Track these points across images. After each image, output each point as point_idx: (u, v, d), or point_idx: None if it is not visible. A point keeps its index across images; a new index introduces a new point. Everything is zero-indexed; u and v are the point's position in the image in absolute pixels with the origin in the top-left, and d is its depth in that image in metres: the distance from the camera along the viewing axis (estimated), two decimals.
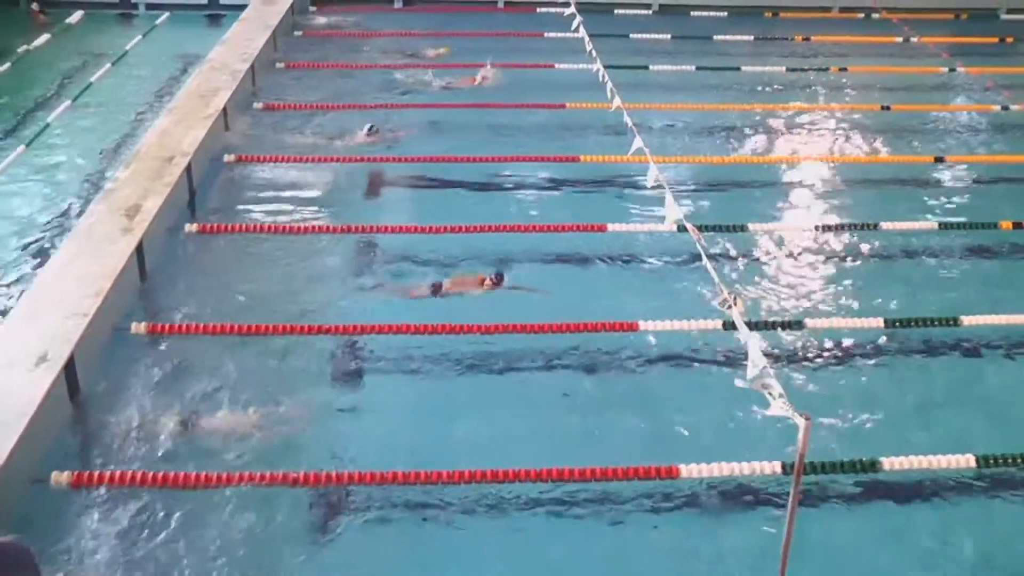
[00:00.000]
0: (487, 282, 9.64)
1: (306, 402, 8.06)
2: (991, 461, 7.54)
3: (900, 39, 18.60)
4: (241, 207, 11.29)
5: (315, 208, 11.36)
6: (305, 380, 8.40)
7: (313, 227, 10.75)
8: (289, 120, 13.64)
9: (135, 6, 18.74)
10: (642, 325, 8.99)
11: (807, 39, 18.71)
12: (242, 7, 17.45)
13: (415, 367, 8.67)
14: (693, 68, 16.52)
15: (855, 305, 9.85)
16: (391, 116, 13.53)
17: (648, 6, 20.27)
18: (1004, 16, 21.55)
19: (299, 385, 8.28)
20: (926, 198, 12.47)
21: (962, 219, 11.72)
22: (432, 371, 8.63)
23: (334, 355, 8.77)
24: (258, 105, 13.92)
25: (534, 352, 8.84)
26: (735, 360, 8.48)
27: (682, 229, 9.21)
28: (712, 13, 19.92)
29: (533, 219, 11.21)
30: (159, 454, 7.40)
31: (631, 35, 17.95)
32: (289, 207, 11.34)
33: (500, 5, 20.02)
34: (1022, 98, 15.63)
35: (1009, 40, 19.60)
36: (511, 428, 7.97)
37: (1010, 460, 7.60)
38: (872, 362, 9.06)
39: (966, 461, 7.50)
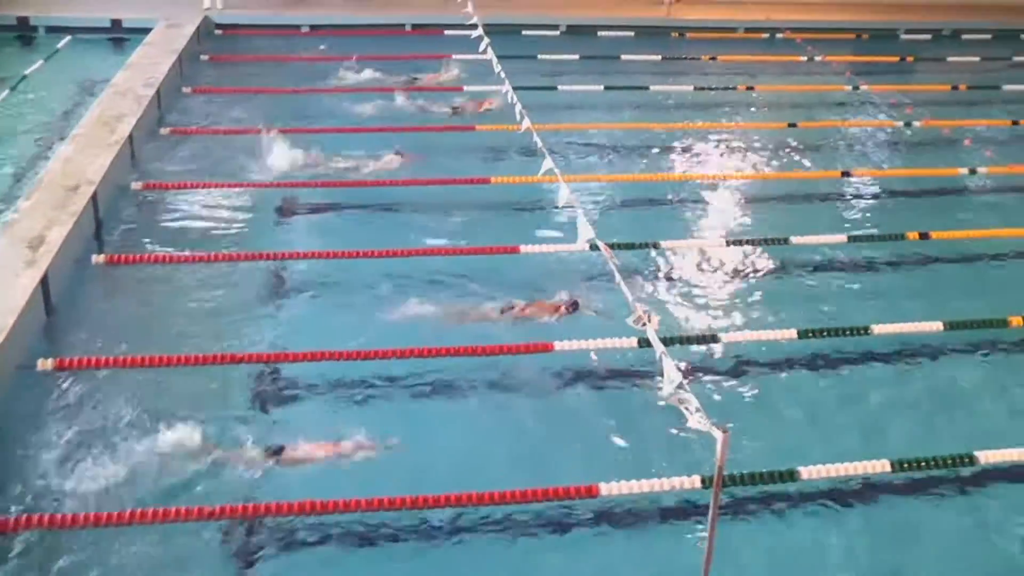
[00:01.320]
0: (562, 309, 9.75)
1: (223, 431, 7.92)
2: (906, 465, 7.75)
3: (804, 58, 19.14)
4: (150, 236, 11.08)
5: (226, 235, 11.22)
6: (223, 409, 8.26)
7: (225, 255, 10.60)
8: (197, 146, 13.46)
9: (35, 28, 18.32)
10: (557, 346, 9.03)
11: (714, 59, 19.16)
12: (147, 31, 17.22)
13: (335, 394, 8.60)
14: (601, 88, 16.76)
15: (769, 318, 10.06)
16: (300, 140, 13.44)
17: (556, 27, 20.51)
18: (903, 36, 22.39)
19: (216, 414, 8.13)
20: (835, 212, 12.84)
21: (870, 231, 12.06)
22: (354, 396, 8.57)
23: (251, 383, 8.65)
24: (165, 131, 13.71)
25: (449, 376, 8.83)
26: (652, 376, 8.57)
27: (594, 248, 9.30)
28: (619, 33, 20.26)
29: (444, 242, 11.22)
30: (70, 494, 7.19)
31: (539, 56, 18.15)
32: (199, 234, 11.18)
33: (408, 28, 20.07)
34: (924, 114, 16.22)
35: (909, 59, 20.35)
36: (427, 453, 7.94)
37: (924, 464, 7.81)
38: (787, 373, 9.27)
39: (882, 466, 7.69)
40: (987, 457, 7.87)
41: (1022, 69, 20.34)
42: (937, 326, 9.69)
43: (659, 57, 18.91)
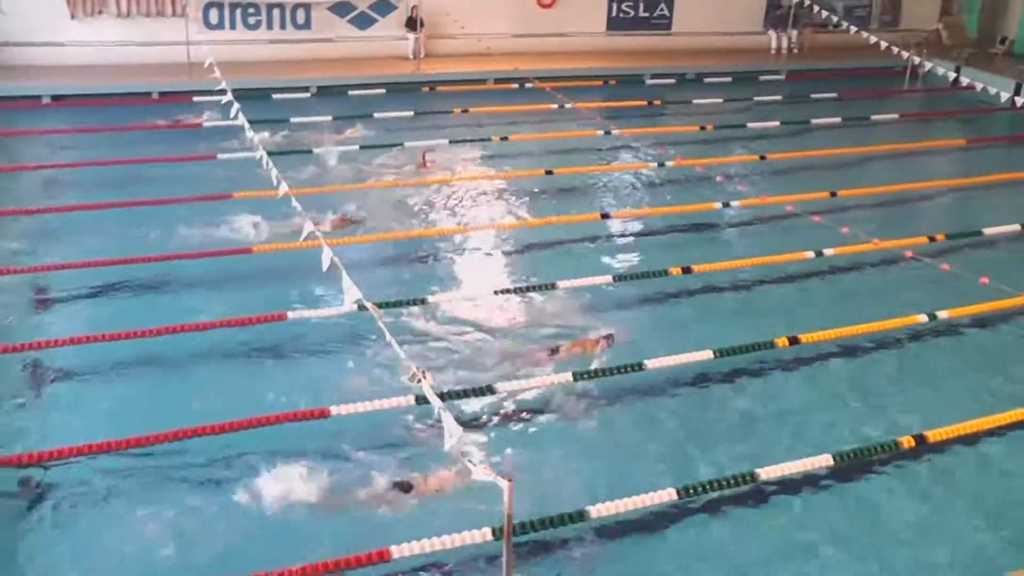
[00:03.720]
0: (602, 343, 10.47)
1: None
2: (691, 491, 8.13)
3: (555, 106, 19.91)
4: None
5: None
6: None
7: None
8: None
9: None
10: (333, 411, 8.92)
11: (466, 111, 19.64)
12: None
13: (98, 487, 8.17)
14: (357, 147, 16.86)
15: (544, 363, 10.27)
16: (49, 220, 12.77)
17: (307, 88, 20.54)
18: (649, 81, 23.72)
19: None
20: (598, 253, 13.33)
21: (634, 270, 12.56)
22: (96, 488, 8.17)
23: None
24: None
25: (222, 453, 8.55)
26: (432, 432, 8.59)
27: (363, 308, 9.29)
28: (370, 91, 20.49)
29: (211, 314, 10.92)
30: None
31: (292, 119, 18.09)
32: None
33: (154, 96, 19.59)
34: (676, 154, 17.14)
35: (657, 102, 21.57)
36: (195, 535, 7.65)
37: (705, 487, 8.21)
38: (562, 416, 9.47)
39: (668, 495, 8.00)
40: (767, 473, 8.33)
41: (763, 108, 21.96)
42: (707, 355, 10.22)
43: (411, 112, 19.22)
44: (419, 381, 7.96)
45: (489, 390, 9.52)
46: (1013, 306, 11.89)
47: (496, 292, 11.73)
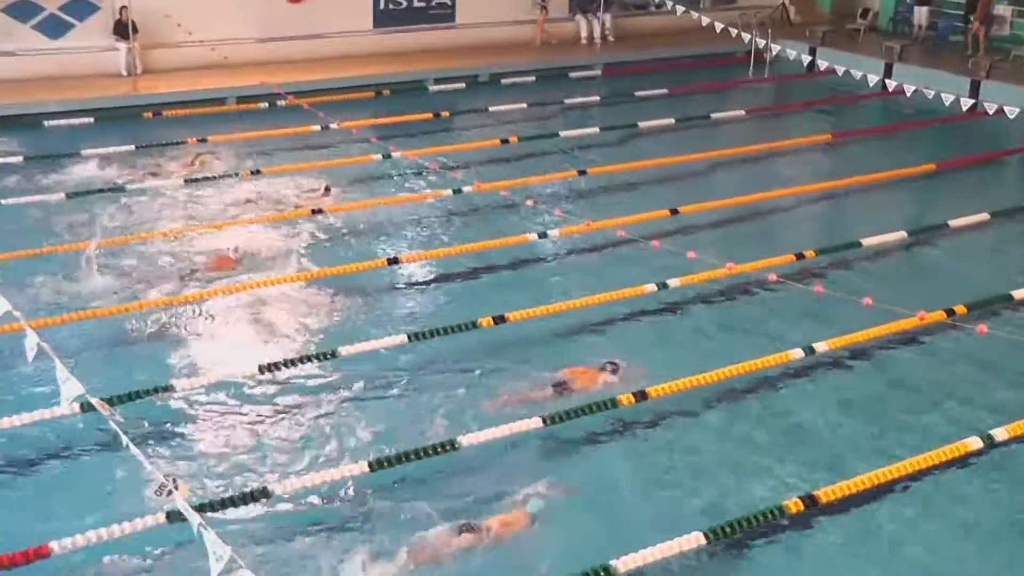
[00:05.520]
0: (607, 372, 11.64)
1: None
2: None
3: (318, 127, 19.99)
4: None
5: None
6: None
7: None
8: None
9: None
10: (56, 546, 8.64)
11: (203, 140, 19.48)
12: None
13: None
14: (63, 195, 16.50)
15: (330, 452, 10.30)
16: None
17: None
18: (433, 87, 24.08)
19: None
20: (387, 307, 13.47)
21: (433, 325, 12.63)
22: None
23: None
24: None
25: None
26: (192, 554, 8.43)
27: (88, 408, 9.10)
28: (75, 120, 20.20)
29: None
30: None
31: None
32: None
33: None
34: (474, 177, 17.43)
35: (445, 114, 21.94)
36: None
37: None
38: (354, 509, 9.54)
39: None
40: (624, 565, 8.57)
41: (578, 112, 22.62)
42: (536, 423, 10.50)
43: (131, 147, 19.01)
44: (170, 493, 7.87)
45: (263, 494, 9.45)
46: (906, 329, 12.55)
47: (262, 368, 11.65)
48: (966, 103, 22.18)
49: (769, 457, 10.54)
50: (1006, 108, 21.31)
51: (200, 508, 8.21)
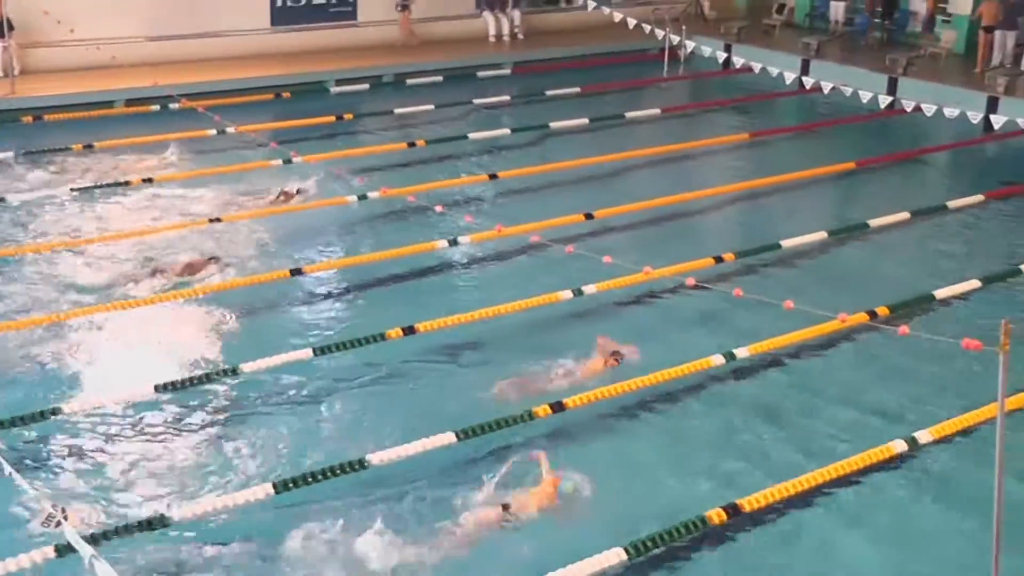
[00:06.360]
0: (610, 361, 12.12)
1: None
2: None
3: (214, 131, 19.77)
4: None
5: None
6: None
7: None
8: None
9: None
10: None
11: (90, 146, 19.19)
12: None
13: None
14: None
15: (235, 475, 10.19)
16: None
17: None
18: (335, 89, 23.99)
19: None
20: (292, 321, 13.41)
21: (341, 337, 12.52)
22: None
23: None
24: None
25: None
26: None
27: None
28: None
29: None
30: None
31: None
32: None
33: None
34: (380, 183, 17.31)
35: (347, 116, 21.85)
36: None
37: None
38: (257, 536, 9.39)
39: None
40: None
41: (487, 113, 22.63)
42: (449, 438, 10.44)
43: (10, 153, 18.70)
44: (59, 524, 7.72)
45: (160, 521, 9.28)
46: (828, 332, 12.67)
47: (158, 388, 11.46)
48: (884, 100, 22.52)
49: (691, 466, 10.58)
50: (923, 106, 21.71)
51: (92, 539, 8.04)
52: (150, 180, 17.77)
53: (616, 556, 8.95)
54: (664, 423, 11.41)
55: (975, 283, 14.58)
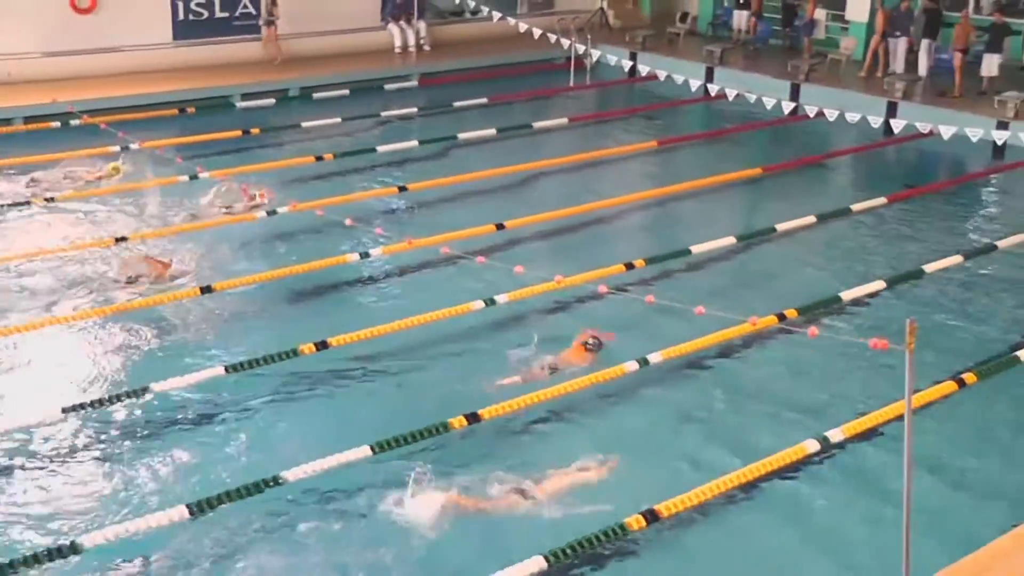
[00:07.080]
0: (589, 344, 12.64)
1: None
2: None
3: (117, 148, 19.51)
4: None
5: None
6: None
7: None
8: None
9: None
10: None
11: None
12: None
13: None
14: None
15: (138, 500, 10.10)
16: None
17: None
18: (241, 104, 23.86)
19: None
20: (201, 338, 13.27)
21: (253, 354, 12.45)
22: None
23: None
24: None
25: None
26: None
27: None
28: None
29: None
30: None
31: None
32: None
33: None
34: (289, 197, 17.20)
35: (255, 131, 21.71)
36: None
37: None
38: (175, 560, 9.31)
39: None
40: None
41: (395, 125, 22.62)
42: (364, 451, 10.43)
43: None
44: None
45: (72, 549, 9.15)
46: (739, 335, 12.83)
47: (65, 410, 11.31)
48: (787, 106, 22.85)
49: (608, 475, 10.59)
50: (826, 111, 22.07)
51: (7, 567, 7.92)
52: (52, 200, 17.49)
53: (536, 565, 8.95)
54: (571, 432, 11.44)
55: (880, 284, 14.84)
